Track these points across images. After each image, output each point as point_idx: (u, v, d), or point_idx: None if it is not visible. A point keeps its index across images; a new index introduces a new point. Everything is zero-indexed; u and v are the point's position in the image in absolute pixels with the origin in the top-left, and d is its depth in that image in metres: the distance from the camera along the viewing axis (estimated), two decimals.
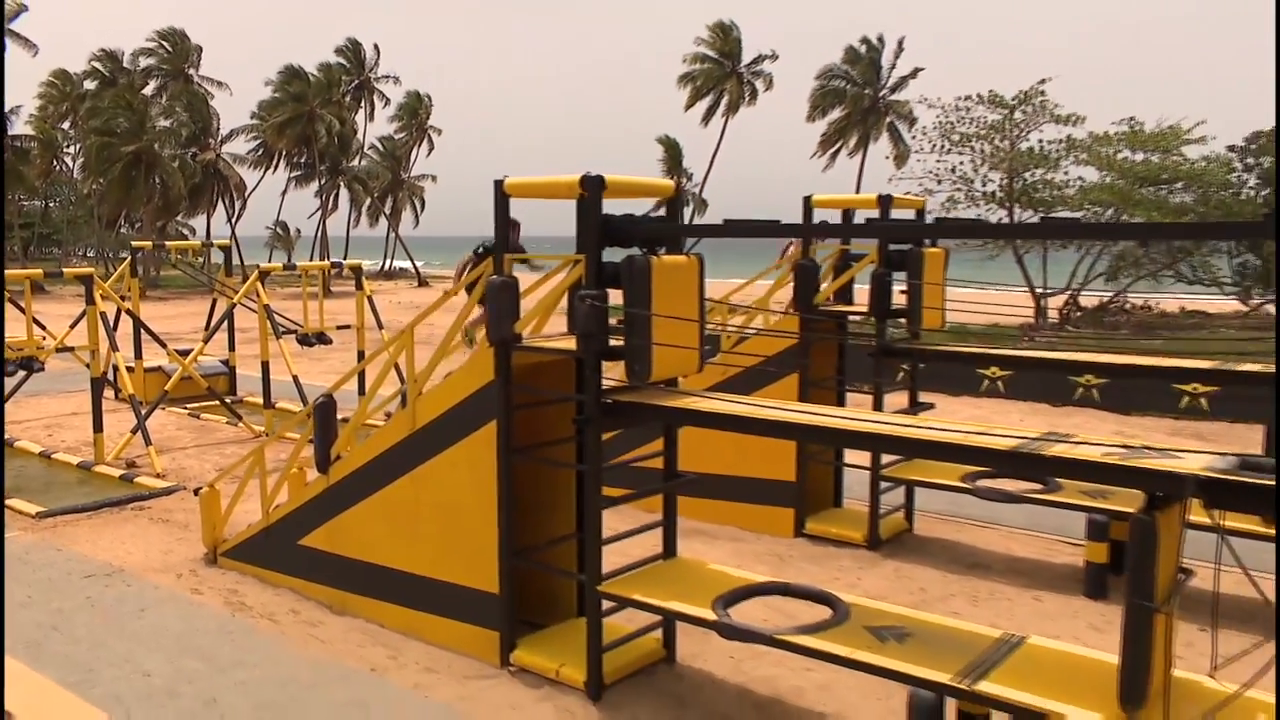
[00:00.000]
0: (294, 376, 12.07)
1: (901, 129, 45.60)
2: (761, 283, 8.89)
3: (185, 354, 12.62)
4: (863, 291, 7.76)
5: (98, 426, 9.99)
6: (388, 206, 54.59)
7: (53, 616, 6.11)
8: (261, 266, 13.42)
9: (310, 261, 24.18)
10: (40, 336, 10.59)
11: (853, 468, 7.92)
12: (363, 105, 52.51)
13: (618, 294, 4.87)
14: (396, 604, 5.85)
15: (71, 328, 10.62)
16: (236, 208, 49.54)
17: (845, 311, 8.03)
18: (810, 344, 7.58)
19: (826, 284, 7.84)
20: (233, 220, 49.40)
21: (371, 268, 46.49)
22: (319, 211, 50.91)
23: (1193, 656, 4.66)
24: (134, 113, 41.59)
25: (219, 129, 48.13)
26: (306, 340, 12.56)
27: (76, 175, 49.55)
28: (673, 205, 5.46)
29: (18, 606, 6.22)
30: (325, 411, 6.28)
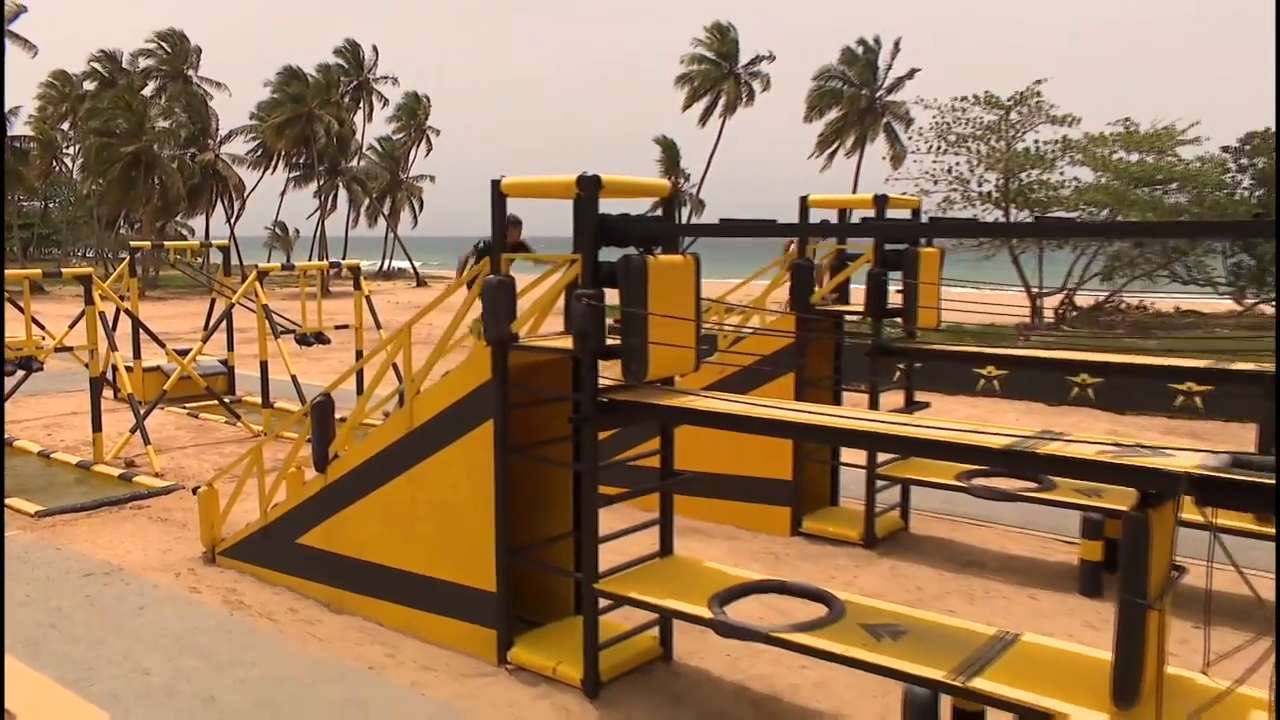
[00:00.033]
0: (292, 376, 12.08)
1: (898, 129, 45.68)
2: (758, 282, 8.91)
3: (184, 354, 12.62)
4: (859, 291, 7.79)
5: (97, 426, 10.01)
6: (386, 207, 54.62)
7: (52, 615, 6.12)
8: (260, 266, 13.41)
9: (309, 261, 24.22)
10: (39, 336, 10.61)
11: (849, 466, 7.93)
12: (361, 106, 52.56)
13: (615, 293, 4.89)
14: (394, 602, 5.86)
15: (70, 328, 10.61)
16: (235, 208, 49.58)
17: (841, 311, 8.06)
18: (806, 343, 7.59)
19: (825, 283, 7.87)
20: (232, 221, 49.45)
21: (370, 268, 46.56)
22: (318, 212, 50.96)
23: (1186, 653, 4.69)
24: (133, 113, 41.59)
25: (218, 130, 48.16)
26: (305, 340, 12.56)
27: (76, 176, 49.56)
28: (668, 205, 5.49)
29: (17, 605, 6.23)
30: (323, 411, 6.30)
